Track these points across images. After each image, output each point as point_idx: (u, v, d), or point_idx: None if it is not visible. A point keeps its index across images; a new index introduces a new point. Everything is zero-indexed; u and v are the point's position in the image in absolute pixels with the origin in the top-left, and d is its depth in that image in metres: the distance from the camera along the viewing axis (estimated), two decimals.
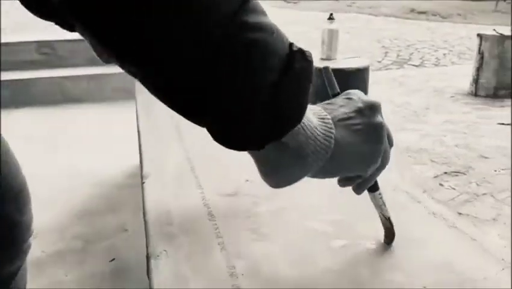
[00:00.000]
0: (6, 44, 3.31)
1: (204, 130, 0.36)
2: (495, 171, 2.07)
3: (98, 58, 0.34)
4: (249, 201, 0.70)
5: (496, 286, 0.49)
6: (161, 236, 0.60)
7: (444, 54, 5.60)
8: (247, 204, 0.69)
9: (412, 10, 9.75)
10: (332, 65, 2.14)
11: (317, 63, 2.18)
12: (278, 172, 0.38)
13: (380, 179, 0.50)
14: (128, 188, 1.83)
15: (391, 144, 0.46)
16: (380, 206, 0.54)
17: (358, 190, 0.48)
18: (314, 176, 0.41)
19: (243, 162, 0.49)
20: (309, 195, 0.72)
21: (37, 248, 1.45)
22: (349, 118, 0.41)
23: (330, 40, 2.18)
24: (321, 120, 0.39)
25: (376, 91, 3.53)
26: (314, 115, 0.39)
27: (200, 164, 0.83)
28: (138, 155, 1.00)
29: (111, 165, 2.03)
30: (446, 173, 2.05)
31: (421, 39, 6.68)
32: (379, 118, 0.43)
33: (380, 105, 0.44)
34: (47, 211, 1.68)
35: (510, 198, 1.79)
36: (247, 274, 0.52)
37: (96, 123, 2.69)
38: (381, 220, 0.56)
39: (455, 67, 4.78)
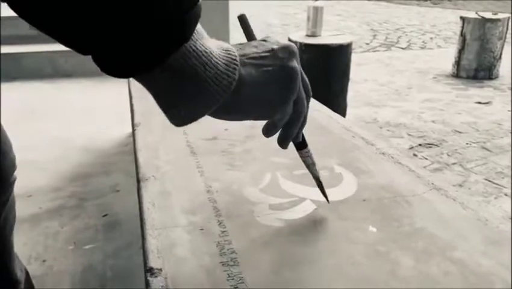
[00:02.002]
0: None
1: None
2: (467, 144, 2.20)
3: None
4: (225, 144, 0.80)
5: (421, 201, 0.60)
6: (150, 166, 0.71)
7: (431, 38, 5.71)
8: (224, 146, 0.80)
9: None
10: (317, 41, 2.23)
11: (302, 40, 2.27)
12: (177, 103, 0.36)
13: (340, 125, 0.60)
14: (120, 154, 1.93)
15: (308, 94, 0.44)
16: (309, 165, 0.53)
17: (268, 133, 0.46)
18: (216, 114, 0.39)
19: None
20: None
21: (33, 205, 1.54)
22: (260, 57, 0.39)
23: (316, 16, 2.26)
24: (225, 52, 0.36)
25: (362, 71, 3.64)
26: (217, 47, 0.36)
27: None
28: (128, 126, 1.08)
29: (103, 135, 2.12)
30: (420, 145, 2.17)
31: (410, 23, 6.77)
32: (293, 63, 0.40)
33: (296, 51, 0.41)
34: (42, 175, 1.76)
35: (478, 167, 1.92)
36: (221, 191, 0.63)
37: (87, 96, 2.76)
38: (313, 177, 0.55)
39: (440, 50, 4.90)
